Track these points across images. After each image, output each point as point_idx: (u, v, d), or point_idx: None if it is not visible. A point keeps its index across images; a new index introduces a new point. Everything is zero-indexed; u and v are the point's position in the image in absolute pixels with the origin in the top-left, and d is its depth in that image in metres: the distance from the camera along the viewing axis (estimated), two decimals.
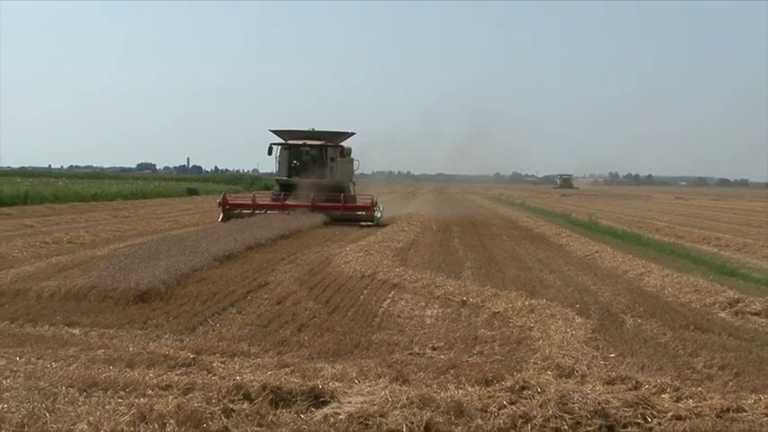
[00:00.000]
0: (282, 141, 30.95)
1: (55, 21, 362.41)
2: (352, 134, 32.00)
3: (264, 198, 31.34)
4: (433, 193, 78.51)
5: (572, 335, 9.18)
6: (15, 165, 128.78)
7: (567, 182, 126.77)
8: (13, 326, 9.42)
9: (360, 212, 29.12)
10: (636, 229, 30.52)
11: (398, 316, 10.80)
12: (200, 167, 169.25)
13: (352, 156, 32.77)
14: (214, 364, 7.53)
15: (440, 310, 11.33)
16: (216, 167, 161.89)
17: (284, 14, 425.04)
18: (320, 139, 31.04)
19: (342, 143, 31.86)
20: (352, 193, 31.95)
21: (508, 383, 6.65)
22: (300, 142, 31.07)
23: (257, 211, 28.60)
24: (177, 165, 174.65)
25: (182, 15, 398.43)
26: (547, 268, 16.72)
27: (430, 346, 8.94)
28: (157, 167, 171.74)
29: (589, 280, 14.88)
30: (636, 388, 6.76)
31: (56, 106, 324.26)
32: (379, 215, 29.44)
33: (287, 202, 29.15)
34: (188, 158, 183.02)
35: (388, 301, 11.99)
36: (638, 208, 52.81)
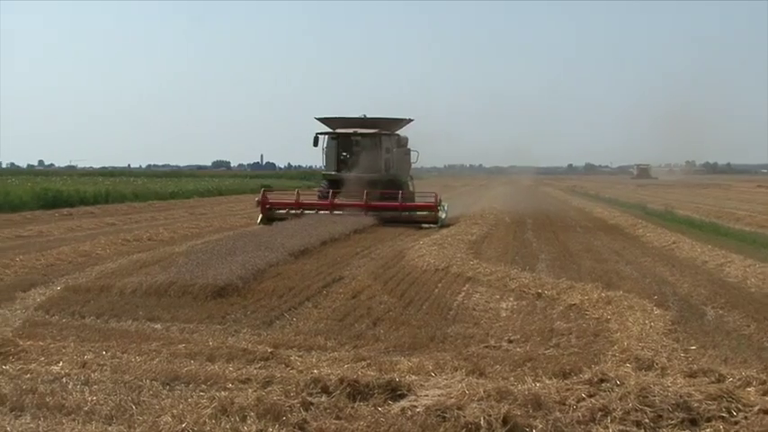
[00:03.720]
0: (330, 130, 27.19)
1: (131, 21, 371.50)
2: (410, 121, 28.15)
3: (311, 196, 27.81)
4: (505, 186, 77.90)
5: (651, 327, 9.03)
6: (96, 165, 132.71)
7: (644, 172, 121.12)
8: (98, 321, 9.71)
9: (421, 212, 25.48)
10: (715, 218, 29.76)
11: (473, 309, 10.77)
12: (273, 164, 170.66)
13: (409, 146, 28.78)
14: (292, 358, 7.65)
15: (515, 303, 11.26)
16: (289, 164, 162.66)
17: (357, 11, 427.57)
18: (374, 127, 26.91)
19: (398, 131, 28.02)
20: (411, 189, 27.99)
21: (586, 376, 6.59)
22: (351, 131, 26.90)
23: (307, 211, 24.84)
24: (251, 162, 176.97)
25: (255, 13, 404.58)
26: (623, 259, 16.45)
27: (506, 338, 8.91)
28: (232, 165, 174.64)
29: (667, 271, 14.59)
30: (719, 381, 6.59)
31: (134, 107, 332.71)
32: (443, 216, 25.42)
33: (336, 200, 25.36)
34: (261, 155, 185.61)
35: (463, 294, 11.97)
36: (717, 197, 51.45)
